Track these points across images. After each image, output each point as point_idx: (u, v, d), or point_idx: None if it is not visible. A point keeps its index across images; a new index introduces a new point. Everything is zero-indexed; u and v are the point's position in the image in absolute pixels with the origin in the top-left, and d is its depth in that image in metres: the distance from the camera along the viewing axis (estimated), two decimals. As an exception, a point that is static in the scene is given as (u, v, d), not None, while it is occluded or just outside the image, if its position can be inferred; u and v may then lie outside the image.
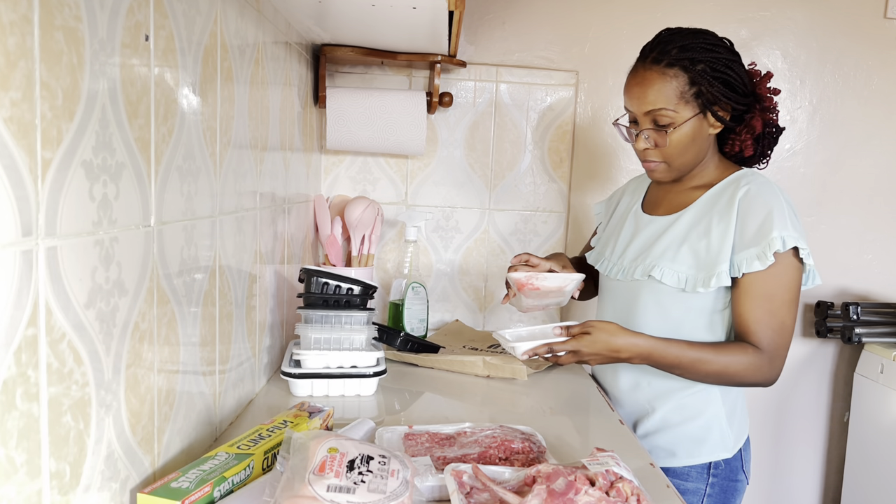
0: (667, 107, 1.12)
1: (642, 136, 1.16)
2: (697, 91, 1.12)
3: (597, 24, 1.75)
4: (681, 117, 1.12)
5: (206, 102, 0.87)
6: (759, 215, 1.10)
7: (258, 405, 1.13)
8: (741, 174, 1.18)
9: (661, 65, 1.12)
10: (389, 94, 1.61)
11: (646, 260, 1.19)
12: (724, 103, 1.13)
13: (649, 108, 1.13)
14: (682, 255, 1.16)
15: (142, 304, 0.70)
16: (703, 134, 1.15)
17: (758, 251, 1.09)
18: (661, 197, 1.27)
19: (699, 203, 1.19)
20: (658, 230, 1.22)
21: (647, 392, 1.22)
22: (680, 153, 1.15)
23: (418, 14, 1.19)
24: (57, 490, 0.56)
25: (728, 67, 1.13)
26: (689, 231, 1.17)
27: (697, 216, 1.18)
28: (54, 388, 0.55)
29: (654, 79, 1.13)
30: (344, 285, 1.25)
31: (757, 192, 1.12)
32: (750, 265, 1.09)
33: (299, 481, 0.69)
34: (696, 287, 1.13)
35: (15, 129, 0.49)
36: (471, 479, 0.78)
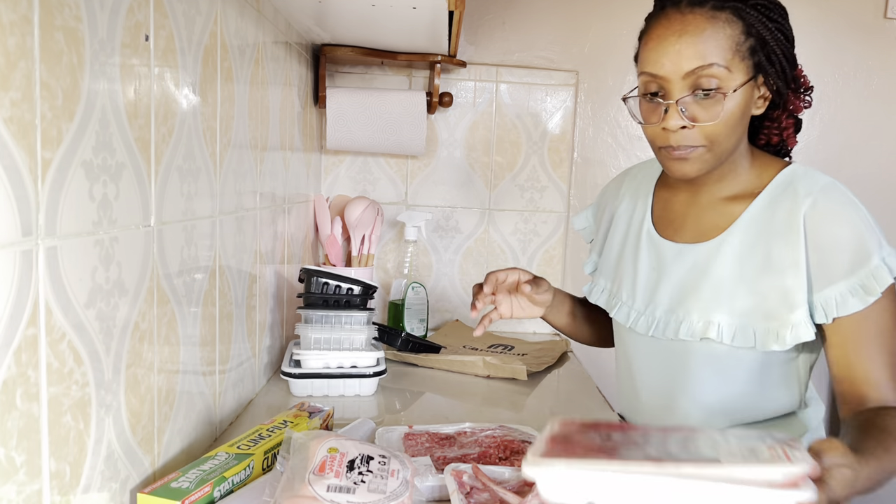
0: (719, 62, 0.81)
1: (677, 110, 0.83)
2: (753, 45, 0.83)
3: (597, 24, 1.75)
4: (735, 80, 0.83)
5: (206, 102, 0.87)
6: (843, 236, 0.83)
7: (258, 405, 1.13)
8: (793, 175, 0.89)
9: (705, 7, 0.82)
10: (389, 94, 1.61)
11: (691, 314, 0.90)
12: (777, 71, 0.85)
13: (696, 64, 0.81)
14: (740, 301, 0.87)
15: (142, 304, 0.70)
16: (748, 110, 0.86)
17: (851, 285, 0.82)
18: (682, 212, 0.97)
19: (746, 221, 0.89)
20: (696, 266, 0.92)
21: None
22: (727, 135, 0.85)
23: (418, 14, 1.19)
24: (57, 490, 0.56)
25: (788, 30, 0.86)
26: (742, 265, 0.88)
27: (748, 242, 0.89)
28: (54, 388, 0.55)
29: (700, 25, 0.82)
30: (344, 285, 1.25)
31: (828, 201, 0.85)
32: (843, 306, 0.82)
33: (299, 481, 0.69)
34: (769, 345, 0.86)
35: (15, 129, 0.49)
36: (471, 479, 0.78)
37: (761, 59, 0.85)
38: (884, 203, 1.85)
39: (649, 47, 0.86)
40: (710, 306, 0.89)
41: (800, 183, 0.88)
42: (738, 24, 0.83)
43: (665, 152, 0.88)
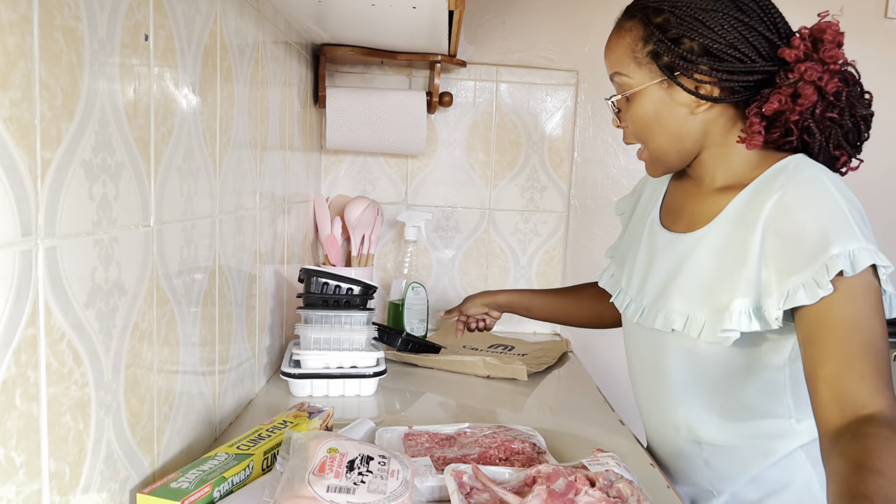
0: (618, 70, 0.89)
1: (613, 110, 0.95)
2: (653, 50, 0.85)
3: (597, 24, 1.75)
4: (633, 82, 0.88)
5: (205, 102, 0.87)
6: (804, 227, 0.79)
7: (258, 405, 1.13)
8: (781, 166, 0.85)
9: (623, 17, 0.90)
10: (389, 94, 1.61)
11: (668, 302, 0.89)
12: (700, 71, 0.83)
13: (610, 71, 0.92)
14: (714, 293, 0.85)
15: (141, 305, 0.70)
16: (674, 110, 0.87)
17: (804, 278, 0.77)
18: (683, 203, 0.96)
19: (728, 213, 0.87)
20: (678, 257, 0.91)
21: (706, 473, 0.94)
22: (646, 133, 0.90)
23: (418, 14, 1.19)
24: (56, 490, 0.56)
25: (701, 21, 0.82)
26: (723, 256, 0.86)
27: (727, 233, 0.86)
28: (54, 388, 0.55)
29: (612, 36, 0.91)
30: (344, 285, 1.25)
31: (797, 190, 0.81)
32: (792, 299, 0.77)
33: (299, 481, 0.69)
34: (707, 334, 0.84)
35: (14, 129, 0.49)
36: (471, 479, 0.78)
37: (668, 63, 0.85)
38: (884, 203, 1.85)
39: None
40: (689, 298, 0.87)
41: (783, 174, 0.84)
42: (638, 32, 0.87)
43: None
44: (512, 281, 1.79)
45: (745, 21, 0.83)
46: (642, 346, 0.98)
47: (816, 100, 0.83)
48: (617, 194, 1.80)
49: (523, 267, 1.80)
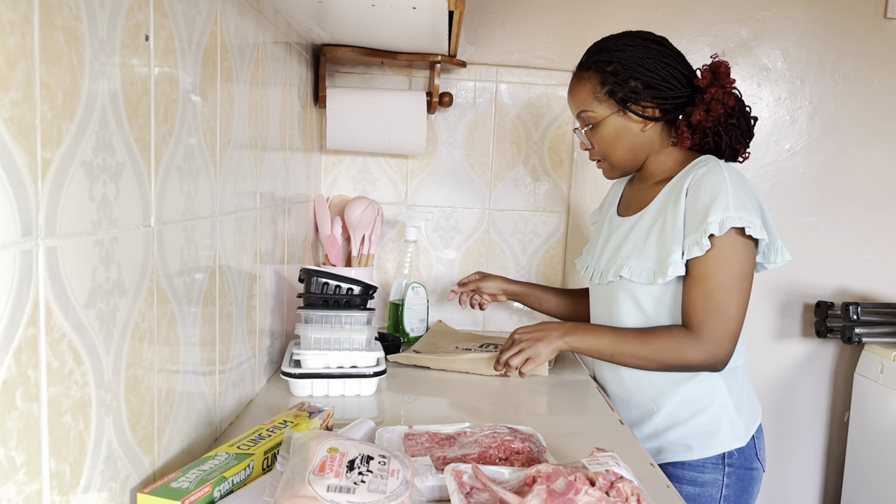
0: (584, 108, 1.21)
1: (581, 137, 1.26)
2: (610, 90, 1.18)
3: (597, 24, 1.75)
4: (598, 115, 1.20)
5: (206, 102, 0.87)
6: (703, 200, 1.11)
7: (258, 405, 1.13)
8: (696, 161, 1.18)
9: (579, 71, 1.23)
10: (389, 94, 1.61)
11: (616, 260, 1.22)
12: (644, 100, 1.17)
13: (574, 111, 1.25)
14: (648, 251, 1.18)
15: (142, 304, 0.70)
16: (629, 130, 1.20)
17: (696, 237, 1.10)
18: (633, 197, 1.30)
19: (660, 197, 1.21)
20: (626, 230, 1.25)
21: (649, 390, 1.22)
22: (610, 150, 1.23)
23: (418, 14, 1.19)
24: (57, 490, 0.56)
25: (640, 65, 1.16)
26: (652, 226, 1.19)
27: (659, 210, 1.19)
28: (54, 388, 0.55)
29: (573, 84, 1.24)
30: (344, 285, 1.25)
31: (703, 176, 1.13)
32: (690, 251, 1.11)
33: (299, 481, 0.69)
34: (657, 279, 1.15)
35: (15, 129, 0.49)
36: (471, 479, 0.78)
37: (624, 96, 1.17)
38: (883, 203, 1.85)
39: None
40: (628, 256, 1.21)
41: (697, 165, 1.16)
42: (595, 77, 1.20)
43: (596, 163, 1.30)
44: (512, 281, 1.79)
45: (669, 63, 1.18)
46: (600, 300, 1.30)
47: (722, 111, 1.17)
48: (617, 194, 1.80)
49: (523, 267, 1.80)
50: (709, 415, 1.19)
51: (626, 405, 1.27)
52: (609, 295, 1.25)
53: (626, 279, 1.19)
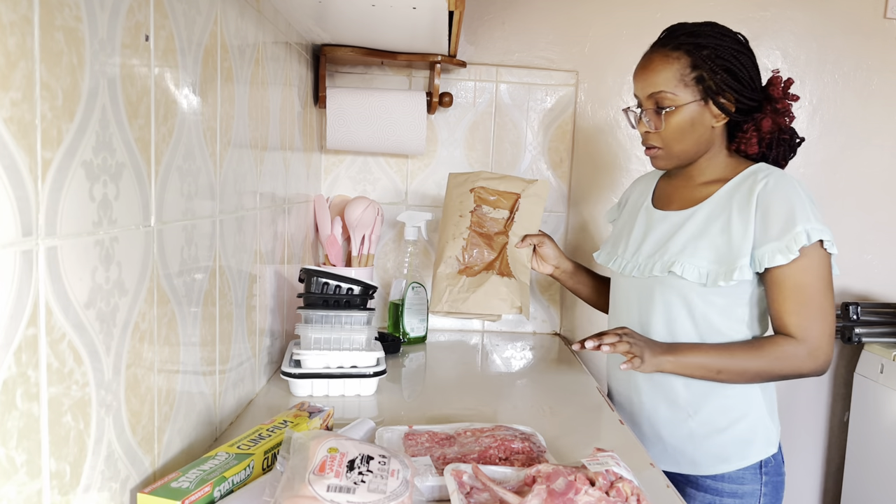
0: (666, 89, 1.13)
1: (643, 119, 1.18)
2: (699, 76, 1.12)
3: (597, 24, 1.75)
4: (680, 100, 1.13)
5: (206, 102, 0.87)
6: (781, 209, 1.09)
7: (258, 405, 1.14)
8: (757, 168, 1.16)
9: (666, 48, 1.14)
10: (389, 94, 1.61)
11: (664, 256, 1.17)
12: (728, 94, 1.13)
13: (651, 90, 1.15)
14: (702, 250, 1.14)
15: (142, 304, 0.70)
16: (703, 122, 1.15)
17: (780, 246, 1.08)
18: (672, 193, 1.26)
19: (716, 197, 1.17)
20: (674, 225, 1.20)
21: (685, 394, 1.17)
22: (678, 138, 1.16)
23: (418, 14, 1.19)
24: (57, 490, 0.56)
25: (734, 57, 1.12)
26: (708, 226, 1.15)
27: (715, 211, 1.16)
28: (54, 388, 0.55)
29: (657, 61, 1.14)
30: (344, 285, 1.25)
31: (776, 185, 1.11)
32: (772, 259, 1.08)
33: (299, 481, 0.69)
34: (717, 281, 1.11)
35: (15, 129, 0.49)
36: (471, 479, 0.78)
37: (709, 86, 1.12)
38: (884, 203, 1.85)
39: (633, 75, 1.20)
40: (679, 252, 1.16)
41: (760, 172, 1.15)
42: (685, 60, 1.13)
43: (645, 149, 1.22)
44: (512, 281, 1.79)
45: (754, 63, 1.16)
46: (632, 294, 1.24)
47: (784, 125, 1.18)
48: (616, 194, 1.80)
49: (523, 267, 1.80)
50: (746, 423, 1.15)
51: (656, 408, 1.20)
52: (648, 289, 1.20)
53: (678, 276, 1.14)
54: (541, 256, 1.40)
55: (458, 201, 1.42)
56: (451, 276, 1.35)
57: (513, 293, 1.33)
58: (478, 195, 1.40)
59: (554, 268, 1.42)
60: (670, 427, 1.19)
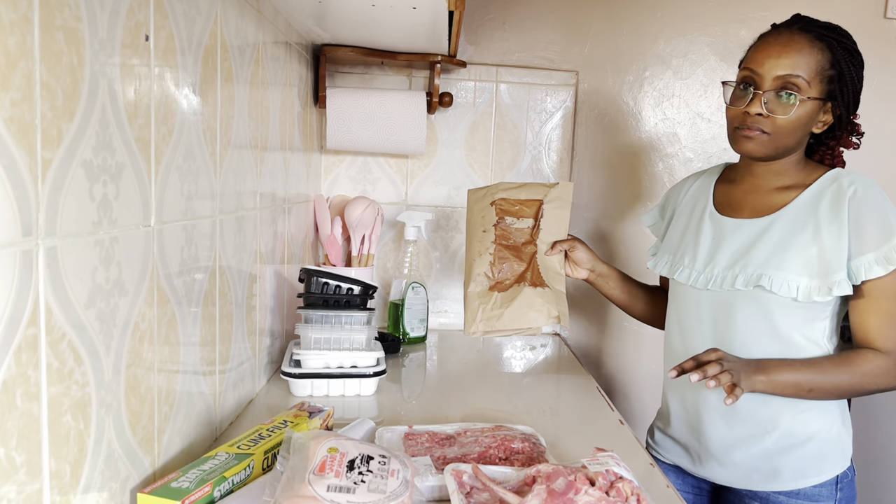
0: (804, 75, 1.05)
1: (760, 100, 1.06)
2: (832, 76, 1.06)
3: (597, 24, 1.75)
4: (811, 92, 1.05)
5: (206, 102, 0.87)
6: (875, 218, 1.04)
7: (258, 405, 1.14)
8: (838, 173, 1.11)
9: (810, 35, 1.06)
10: (389, 94, 1.61)
11: (747, 268, 1.10)
12: (840, 104, 1.08)
13: (786, 71, 1.05)
14: (790, 262, 1.07)
15: (142, 304, 0.70)
16: (811, 124, 1.09)
17: (878, 256, 1.03)
18: (742, 198, 1.18)
19: (798, 204, 1.10)
20: (751, 235, 1.12)
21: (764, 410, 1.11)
22: (790, 132, 1.07)
23: (418, 14, 1.19)
24: (57, 490, 0.56)
25: (859, 71, 1.09)
26: (793, 235, 1.08)
27: (799, 219, 1.09)
28: (54, 388, 0.55)
29: (801, 43, 1.06)
30: (344, 285, 1.25)
31: (866, 192, 1.06)
32: (869, 271, 1.03)
33: (299, 481, 0.69)
34: (813, 296, 1.05)
35: (15, 129, 0.49)
36: (471, 479, 0.78)
37: (835, 90, 1.07)
38: (884, 203, 1.84)
39: (758, 50, 1.09)
40: (764, 265, 1.08)
41: (844, 178, 1.09)
42: (828, 55, 1.06)
43: (739, 131, 1.10)
44: (512, 281, 1.79)
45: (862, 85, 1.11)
46: (706, 308, 1.15)
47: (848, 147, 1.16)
48: (616, 194, 1.80)
49: (523, 267, 1.80)
50: (823, 436, 1.11)
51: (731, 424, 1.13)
52: (727, 304, 1.12)
53: (766, 290, 1.07)
54: (574, 261, 1.31)
55: (479, 217, 1.35)
56: (483, 294, 1.28)
57: (548, 302, 1.27)
58: (499, 207, 1.34)
59: (589, 271, 1.33)
60: (745, 444, 1.13)
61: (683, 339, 1.19)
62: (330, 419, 0.98)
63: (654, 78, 1.78)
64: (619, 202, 1.80)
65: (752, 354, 1.09)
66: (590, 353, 1.84)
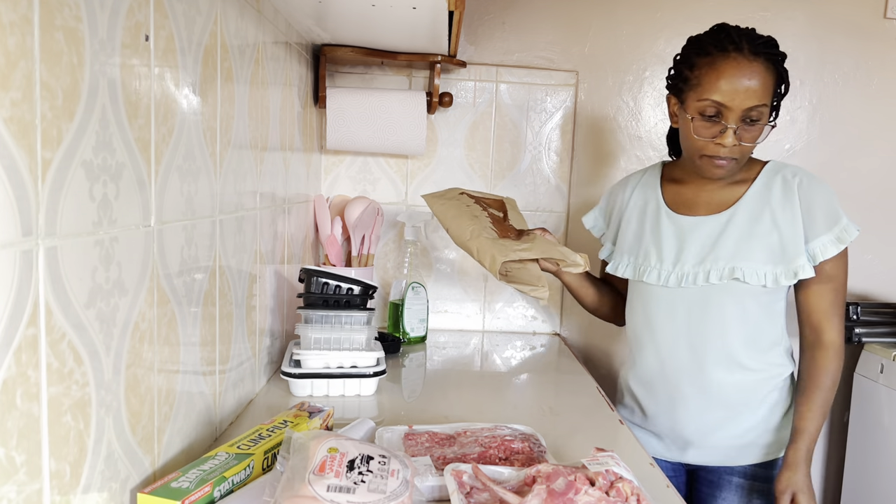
0: (765, 102, 1.09)
1: (731, 132, 1.09)
2: (778, 92, 1.13)
3: (597, 24, 1.75)
4: (767, 114, 1.11)
5: (206, 102, 0.87)
6: (823, 203, 1.13)
7: (258, 405, 1.14)
8: (776, 165, 1.19)
9: (761, 59, 1.08)
10: (389, 94, 1.61)
11: (717, 262, 1.16)
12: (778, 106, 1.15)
13: (755, 103, 1.08)
14: (755, 252, 1.14)
15: (142, 304, 0.70)
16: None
17: (831, 238, 1.12)
18: (693, 197, 1.23)
19: (750, 197, 1.17)
20: (714, 230, 1.18)
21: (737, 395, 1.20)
22: (751, 151, 1.14)
23: (418, 14, 1.19)
24: (57, 490, 0.56)
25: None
26: (753, 226, 1.15)
27: (755, 210, 1.16)
28: (54, 388, 0.55)
29: (761, 72, 1.08)
30: (344, 285, 1.25)
31: (811, 180, 1.15)
32: (825, 252, 1.12)
33: (299, 481, 0.69)
34: (780, 281, 1.13)
35: (15, 129, 0.49)
36: (471, 479, 0.78)
37: (778, 101, 1.14)
38: (884, 203, 1.85)
39: (721, 82, 1.08)
40: (733, 257, 1.15)
41: (786, 170, 1.18)
42: (775, 75, 1.11)
43: (707, 160, 1.14)
44: (512, 281, 1.79)
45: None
46: (678, 306, 1.20)
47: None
48: (617, 194, 1.80)
49: (523, 267, 1.80)
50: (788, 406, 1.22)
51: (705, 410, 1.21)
52: (701, 299, 1.17)
53: (740, 281, 1.14)
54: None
55: (454, 204, 1.30)
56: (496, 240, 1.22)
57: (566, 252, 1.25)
58: (469, 195, 1.34)
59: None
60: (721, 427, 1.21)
61: (653, 335, 1.24)
62: (330, 419, 0.98)
63: (654, 78, 1.78)
64: (619, 202, 1.81)
65: (725, 341, 1.17)
66: (590, 353, 1.84)
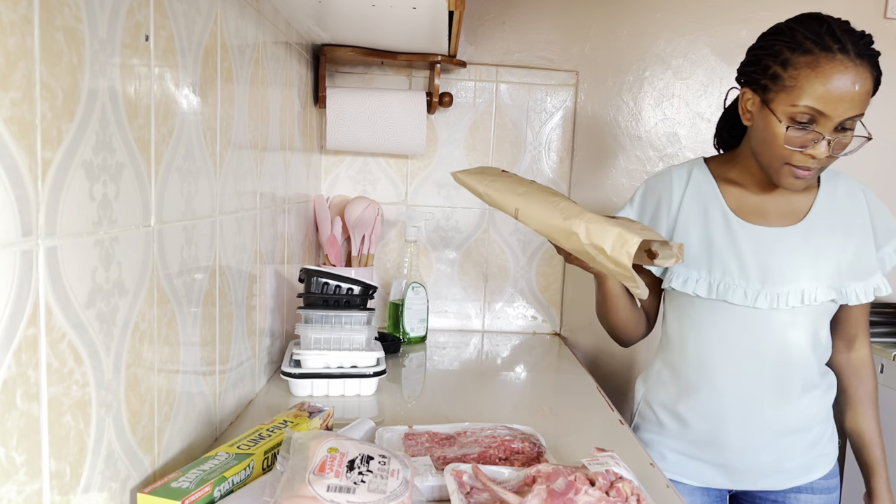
0: (864, 111, 0.98)
1: (827, 143, 0.96)
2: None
3: (597, 24, 1.75)
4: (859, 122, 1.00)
5: (206, 102, 0.87)
6: (884, 210, 1.12)
7: (258, 405, 1.14)
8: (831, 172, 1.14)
9: (866, 61, 0.95)
10: (389, 94, 1.61)
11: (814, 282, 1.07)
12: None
13: (857, 112, 0.96)
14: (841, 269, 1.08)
15: (142, 304, 0.70)
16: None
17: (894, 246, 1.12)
18: (760, 204, 1.11)
19: (820, 206, 1.10)
20: (794, 244, 1.08)
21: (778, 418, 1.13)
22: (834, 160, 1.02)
23: (418, 14, 1.19)
24: (57, 490, 0.56)
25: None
26: (829, 240, 1.08)
27: (827, 221, 1.09)
28: (54, 388, 0.55)
29: (866, 78, 0.95)
30: (344, 285, 1.25)
31: (868, 190, 1.14)
32: (892, 261, 1.12)
33: (299, 481, 0.69)
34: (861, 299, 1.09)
35: (15, 129, 0.49)
36: (471, 479, 0.78)
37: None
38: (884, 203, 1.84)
39: (825, 87, 0.94)
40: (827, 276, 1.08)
41: (844, 178, 1.14)
42: (875, 79, 0.97)
43: (789, 169, 1.00)
44: (512, 281, 1.80)
45: None
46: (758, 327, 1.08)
47: None
48: (616, 194, 1.80)
49: (523, 267, 1.80)
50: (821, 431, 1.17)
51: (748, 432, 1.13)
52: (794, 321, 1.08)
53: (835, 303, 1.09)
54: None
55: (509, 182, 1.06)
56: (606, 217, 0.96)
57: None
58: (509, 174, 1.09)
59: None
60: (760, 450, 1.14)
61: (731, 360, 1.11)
62: (330, 419, 0.98)
63: (654, 78, 1.78)
64: (619, 202, 1.80)
65: (806, 363, 1.11)
66: (590, 353, 1.84)
